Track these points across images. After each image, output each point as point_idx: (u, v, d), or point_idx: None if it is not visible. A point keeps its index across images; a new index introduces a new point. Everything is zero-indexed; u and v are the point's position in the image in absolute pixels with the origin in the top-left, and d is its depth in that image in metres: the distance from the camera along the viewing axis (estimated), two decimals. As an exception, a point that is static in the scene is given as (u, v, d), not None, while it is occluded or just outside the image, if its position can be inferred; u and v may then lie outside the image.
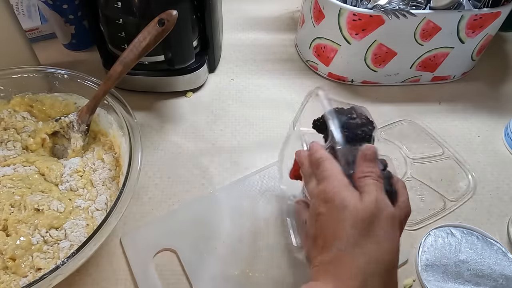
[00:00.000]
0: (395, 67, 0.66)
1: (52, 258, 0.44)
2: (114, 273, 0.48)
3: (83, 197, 0.49)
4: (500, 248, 0.51)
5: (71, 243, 0.45)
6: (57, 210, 0.47)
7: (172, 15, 0.48)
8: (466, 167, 0.59)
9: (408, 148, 0.61)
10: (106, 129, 0.55)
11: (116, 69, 0.50)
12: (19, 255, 0.43)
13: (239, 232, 0.51)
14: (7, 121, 0.54)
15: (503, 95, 0.70)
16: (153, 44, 0.50)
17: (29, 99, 0.56)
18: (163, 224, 0.51)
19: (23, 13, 0.73)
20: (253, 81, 0.70)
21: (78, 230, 0.46)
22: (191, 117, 0.64)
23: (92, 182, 0.51)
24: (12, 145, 0.53)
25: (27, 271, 0.43)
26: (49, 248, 0.44)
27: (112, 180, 0.51)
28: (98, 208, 0.49)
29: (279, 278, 0.48)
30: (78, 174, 0.51)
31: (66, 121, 0.54)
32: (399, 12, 0.57)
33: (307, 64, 0.73)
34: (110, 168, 0.52)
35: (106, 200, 0.49)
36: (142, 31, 0.49)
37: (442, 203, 0.55)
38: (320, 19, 0.63)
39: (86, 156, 0.53)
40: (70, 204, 0.48)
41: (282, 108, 0.66)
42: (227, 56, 0.74)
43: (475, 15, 0.59)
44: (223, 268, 0.48)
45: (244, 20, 0.81)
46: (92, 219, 0.48)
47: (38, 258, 0.43)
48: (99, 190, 0.50)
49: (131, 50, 0.50)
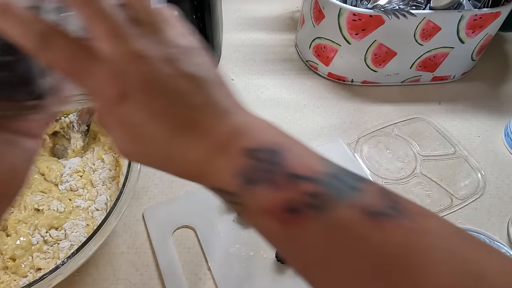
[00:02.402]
0: (395, 67, 0.66)
1: (52, 258, 0.44)
2: (114, 273, 0.48)
3: (83, 197, 0.49)
4: (508, 251, 0.50)
5: (71, 243, 0.45)
6: (57, 210, 0.47)
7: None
8: (476, 167, 0.59)
9: (419, 145, 0.61)
10: None
11: None
12: (19, 255, 0.43)
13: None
14: None
15: (503, 95, 0.70)
16: None
17: None
18: (183, 202, 0.54)
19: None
20: (253, 81, 0.70)
21: (78, 230, 0.46)
22: (191, 117, 0.64)
23: (92, 182, 0.51)
24: None
25: (27, 271, 0.43)
26: (49, 248, 0.44)
27: (112, 180, 0.51)
28: (98, 208, 0.49)
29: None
30: (78, 174, 0.51)
31: (66, 122, 0.54)
32: (399, 12, 0.57)
33: (307, 64, 0.73)
34: (110, 168, 0.52)
35: (106, 200, 0.49)
36: None
37: (449, 200, 0.56)
38: (320, 19, 0.63)
39: (86, 156, 0.53)
40: (70, 204, 0.48)
41: (282, 108, 0.66)
42: (227, 56, 0.74)
43: (475, 15, 0.59)
44: (239, 249, 0.50)
45: (244, 20, 0.81)
46: (92, 219, 0.48)
47: (38, 258, 0.43)
48: (99, 190, 0.50)
49: None
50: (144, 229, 0.52)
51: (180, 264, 0.49)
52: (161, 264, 0.48)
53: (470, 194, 0.56)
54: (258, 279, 0.48)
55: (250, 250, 0.50)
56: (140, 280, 0.48)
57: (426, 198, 0.56)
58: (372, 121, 0.65)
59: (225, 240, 0.51)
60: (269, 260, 0.49)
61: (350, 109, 0.66)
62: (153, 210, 0.53)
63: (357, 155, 0.60)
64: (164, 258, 0.49)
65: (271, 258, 0.49)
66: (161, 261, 0.49)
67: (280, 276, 0.48)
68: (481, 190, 0.57)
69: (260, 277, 0.48)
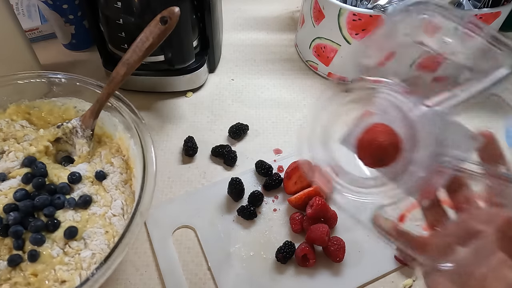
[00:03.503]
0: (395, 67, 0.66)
1: (75, 269, 0.42)
2: (114, 273, 0.48)
3: (98, 204, 0.47)
4: None
5: (92, 252, 0.43)
6: (73, 220, 0.45)
7: (175, 12, 0.47)
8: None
9: None
10: (111, 131, 0.54)
11: (119, 71, 0.49)
12: (40, 270, 0.42)
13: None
14: (6, 132, 0.51)
15: (503, 95, 0.70)
16: (157, 43, 0.48)
17: (26, 107, 0.53)
18: (183, 202, 0.54)
19: (23, 13, 0.73)
20: (253, 81, 0.70)
21: (98, 238, 0.44)
22: (191, 117, 0.64)
23: (104, 187, 0.49)
24: (14, 155, 0.50)
25: (51, 285, 0.41)
26: (70, 259, 0.43)
27: (124, 183, 0.50)
28: (115, 213, 0.47)
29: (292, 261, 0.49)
30: (88, 180, 0.49)
31: (69, 127, 0.52)
32: (399, 12, 0.57)
33: (307, 64, 0.73)
34: (121, 172, 0.50)
35: (122, 205, 0.47)
36: (144, 30, 0.48)
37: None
38: (320, 19, 0.63)
39: (94, 161, 0.51)
40: (85, 213, 0.46)
41: (282, 108, 0.66)
42: (227, 56, 0.74)
43: (475, 15, 0.59)
44: (239, 249, 0.50)
45: (244, 20, 0.81)
46: (110, 226, 0.46)
47: (61, 271, 0.42)
48: (113, 195, 0.48)
49: (134, 50, 0.48)
50: (144, 229, 0.52)
51: (180, 264, 0.49)
52: (161, 264, 0.48)
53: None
54: (258, 279, 0.48)
55: (250, 250, 0.50)
56: (140, 280, 0.48)
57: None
58: (372, 121, 0.64)
59: (225, 240, 0.51)
60: (269, 260, 0.49)
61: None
62: (153, 210, 0.53)
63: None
64: (164, 258, 0.49)
65: (271, 258, 0.49)
66: (161, 261, 0.49)
67: (280, 276, 0.48)
68: (481, 190, 0.57)
69: (260, 277, 0.48)
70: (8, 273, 0.42)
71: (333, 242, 0.48)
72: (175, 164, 0.58)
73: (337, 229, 0.52)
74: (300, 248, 0.48)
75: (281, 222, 0.53)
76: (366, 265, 0.49)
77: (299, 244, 0.49)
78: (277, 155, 0.59)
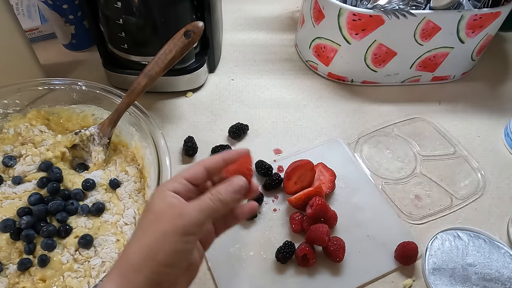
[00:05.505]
0: (395, 67, 0.66)
1: (84, 276, 0.42)
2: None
3: (110, 212, 0.47)
4: (508, 251, 0.50)
5: (102, 260, 0.43)
6: (85, 227, 0.45)
7: (199, 26, 0.48)
8: (476, 167, 0.59)
9: (419, 145, 0.61)
10: (127, 140, 0.54)
11: (140, 82, 0.49)
12: (49, 276, 0.41)
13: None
14: (25, 136, 0.52)
15: (503, 95, 0.70)
16: (179, 56, 0.48)
17: (46, 112, 0.54)
18: None
19: (23, 13, 0.73)
20: (253, 81, 0.70)
21: (109, 246, 0.44)
22: (191, 117, 0.64)
23: (117, 195, 0.49)
24: (31, 159, 0.50)
25: None
26: (79, 266, 0.43)
27: (138, 192, 0.50)
28: (127, 222, 0.47)
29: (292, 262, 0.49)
30: (102, 188, 0.49)
31: (87, 134, 0.52)
32: (399, 12, 0.57)
33: (307, 64, 0.73)
34: (135, 181, 0.50)
35: (134, 214, 0.47)
36: (167, 43, 0.48)
37: (449, 200, 0.56)
38: (320, 19, 0.63)
39: (109, 169, 0.51)
40: (97, 220, 0.46)
41: (282, 108, 0.66)
42: (227, 56, 0.74)
43: (475, 15, 0.59)
44: (239, 249, 0.50)
45: (244, 20, 0.81)
46: (121, 234, 0.46)
47: (69, 278, 0.42)
48: (126, 204, 0.48)
49: (156, 62, 0.48)
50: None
51: (180, 264, 0.48)
52: (161, 264, 0.48)
53: (470, 194, 0.56)
54: (258, 279, 0.48)
55: (250, 250, 0.50)
56: (140, 280, 0.48)
57: (426, 198, 0.56)
58: (372, 121, 0.65)
59: (225, 240, 0.50)
60: (269, 260, 0.49)
61: (350, 109, 0.66)
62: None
63: (357, 155, 0.60)
64: None
65: (271, 258, 0.49)
66: (161, 261, 0.48)
67: (280, 276, 0.48)
68: (481, 190, 0.57)
69: (260, 277, 0.48)
70: (16, 277, 0.42)
71: (333, 242, 0.48)
72: (175, 164, 0.58)
73: (337, 229, 0.52)
74: (300, 248, 0.48)
75: (281, 222, 0.53)
76: (366, 265, 0.49)
77: (299, 244, 0.49)
78: (277, 155, 0.59)
